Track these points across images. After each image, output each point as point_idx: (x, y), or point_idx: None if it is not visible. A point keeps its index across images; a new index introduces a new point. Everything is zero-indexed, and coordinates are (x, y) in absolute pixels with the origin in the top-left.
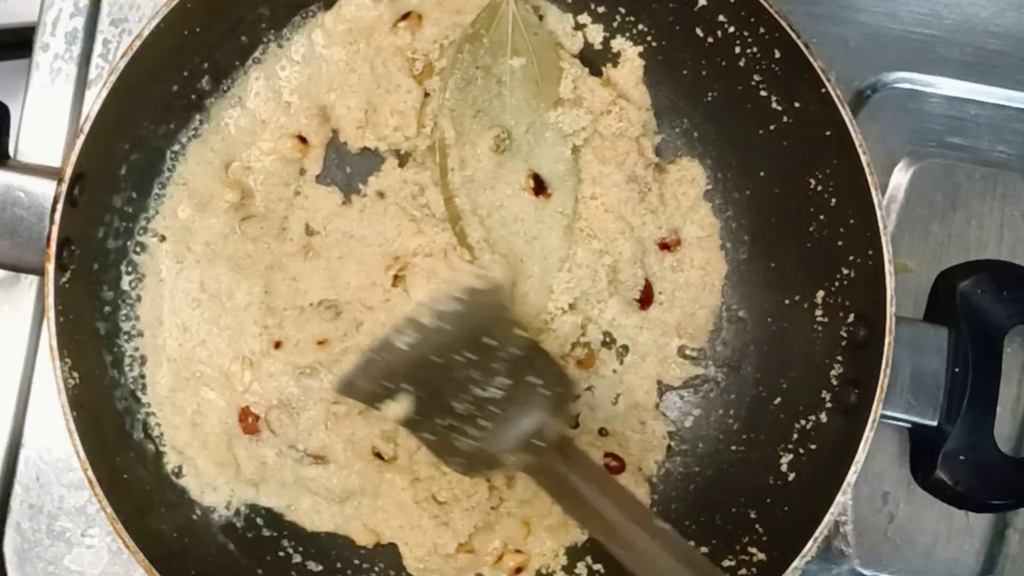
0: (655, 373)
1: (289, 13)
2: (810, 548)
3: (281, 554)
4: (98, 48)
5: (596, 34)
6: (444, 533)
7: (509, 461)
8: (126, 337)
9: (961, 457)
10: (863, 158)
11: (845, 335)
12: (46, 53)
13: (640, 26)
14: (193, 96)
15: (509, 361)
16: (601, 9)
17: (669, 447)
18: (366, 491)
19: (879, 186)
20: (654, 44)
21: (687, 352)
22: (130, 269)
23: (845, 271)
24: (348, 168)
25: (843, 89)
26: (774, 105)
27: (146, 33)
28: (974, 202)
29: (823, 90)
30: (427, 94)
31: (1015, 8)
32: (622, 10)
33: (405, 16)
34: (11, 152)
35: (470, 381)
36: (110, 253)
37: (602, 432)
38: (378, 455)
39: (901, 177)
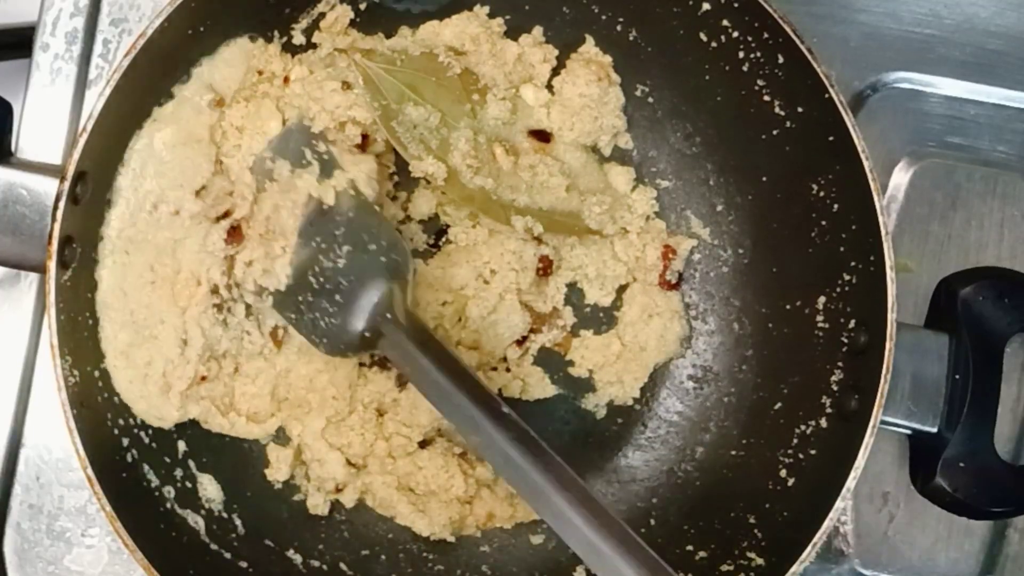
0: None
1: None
2: (809, 554)
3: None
4: (98, 48)
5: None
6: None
7: (364, 339)
8: None
9: (961, 464)
10: (866, 164)
11: (846, 341)
12: (46, 53)
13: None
14: None
15: (346, 224)
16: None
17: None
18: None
19: (880, 187)
20: (657, 48)
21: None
22: None
23: (846, 277)
24: None
25: (843, 89)
26: (777, 110)
27: (150, 32)
28: (974, 202)
29: (826, 96)
30: None
31: (1015, 8)
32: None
33: None
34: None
35: (318, 251)
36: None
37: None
38: (351, 463)
39: (901, 177)
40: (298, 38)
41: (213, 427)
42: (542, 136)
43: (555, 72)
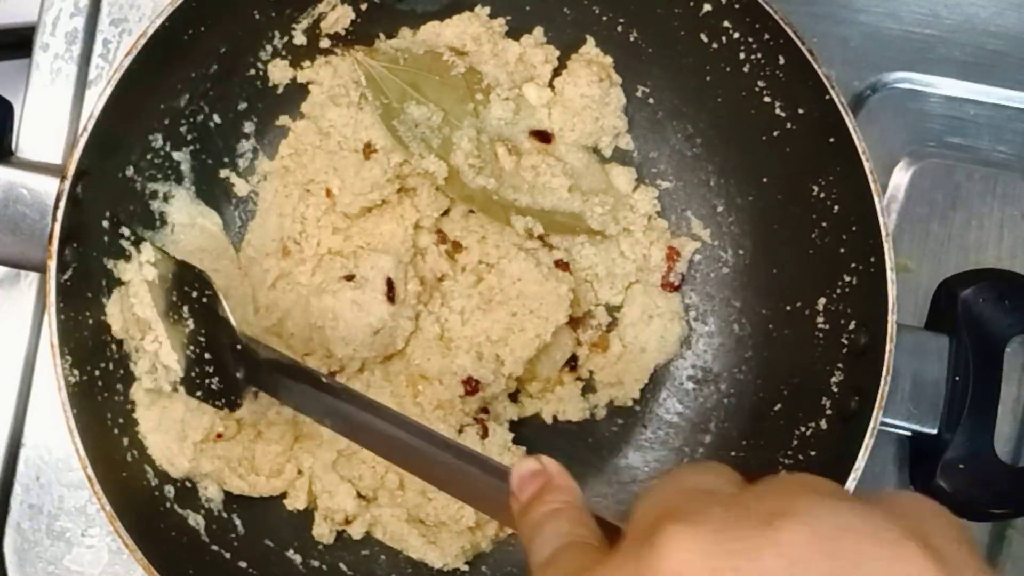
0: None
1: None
2: None
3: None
4: (98, 48)
5: None
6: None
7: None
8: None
9: (961, 466)
10: (866, 166)
11: (846, 342)
12: (46, 53)
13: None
14: (199, 97)
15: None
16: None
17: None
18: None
19: (880, 188)
20: (658, 49)
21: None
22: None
23: (847, 278)
24: None
25: (843, 89)
26: (777, 111)
27: (150, 32)
28: (974, 202)
29: (827, 97)
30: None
31: (1015, 8)
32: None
33: None
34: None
35: (180, 323)
36: (114, 252)
37: None
38: (360, 495)
39: (901, 177)
40: (299, 38)
41: (232, 489)
42: (543, 137)
43: (556, 73)
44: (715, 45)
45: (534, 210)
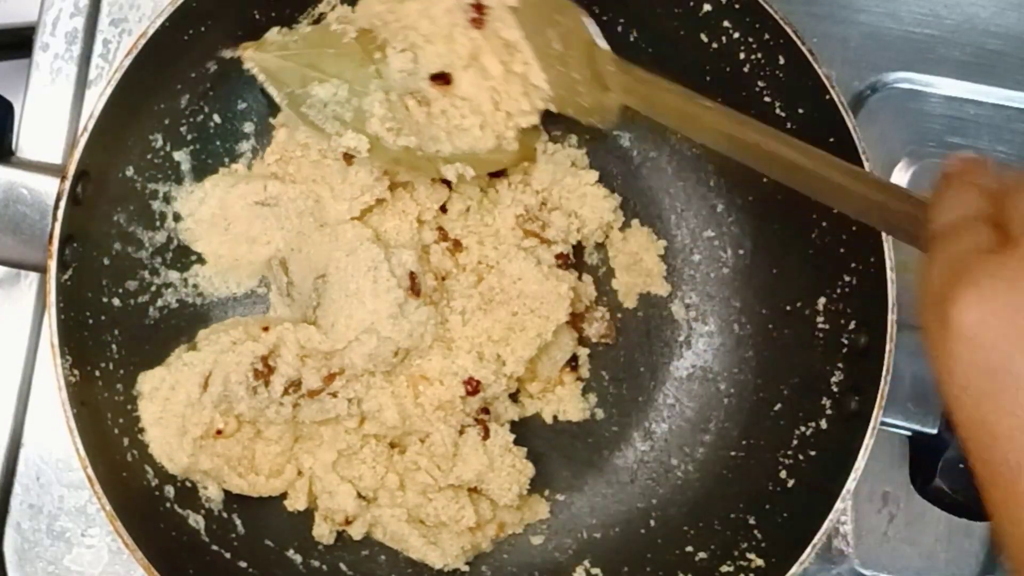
0: None
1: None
2: (808, 555)
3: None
4: (98, 48)
5: None
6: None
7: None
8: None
9: (961, 466)
10: (866, 166)
11: (846, 342)
12: (46, 53)
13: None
14: (199, 97)
15: None
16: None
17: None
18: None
19: None
20: (658, 50)
21: None
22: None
23: (847, 278)
24: None
25: (843, 89)
26: (777, 111)
27: (150, 32)
28: None
29: (827, 97)
30: None
31: (1015, 8)
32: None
33: None
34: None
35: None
36: (115, 251)
37: None
38: (360, 496)
39: (901, 177)
40: None
41: (232, 488)
42: (443, 79)
43: None
44: (715, 45)
45: (458, 155)
